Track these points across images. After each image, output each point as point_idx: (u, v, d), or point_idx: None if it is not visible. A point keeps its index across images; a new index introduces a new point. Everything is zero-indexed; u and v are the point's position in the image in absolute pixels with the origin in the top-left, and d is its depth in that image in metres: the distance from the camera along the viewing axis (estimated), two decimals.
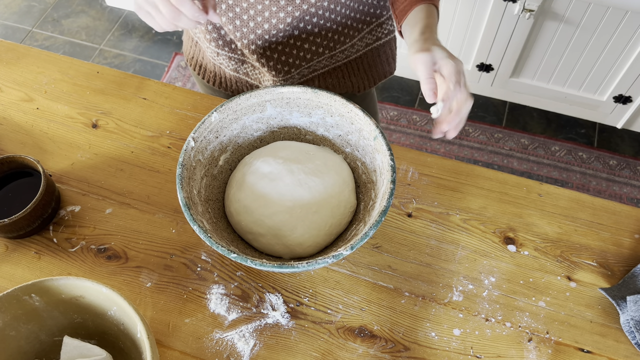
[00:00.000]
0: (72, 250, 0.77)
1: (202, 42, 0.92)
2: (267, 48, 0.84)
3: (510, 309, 0.73)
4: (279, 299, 0.73)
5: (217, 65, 0.95)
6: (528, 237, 0.79)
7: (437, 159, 0.86)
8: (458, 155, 1.89)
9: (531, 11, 1.56)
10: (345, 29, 0.86)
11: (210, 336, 0.71)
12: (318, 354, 0.70)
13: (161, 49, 2.19)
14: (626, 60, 1.65)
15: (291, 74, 0.89)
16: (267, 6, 0.78)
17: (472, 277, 0.75)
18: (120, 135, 0.89)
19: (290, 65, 0.87)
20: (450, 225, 0.80)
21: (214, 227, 0.69)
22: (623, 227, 0.80)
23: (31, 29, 2.26)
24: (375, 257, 0.77)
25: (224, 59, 0.91)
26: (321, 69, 0.92)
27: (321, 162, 0.76)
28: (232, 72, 0.93)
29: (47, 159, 0.86)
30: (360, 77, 0.96)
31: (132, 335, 0.63)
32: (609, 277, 0.76)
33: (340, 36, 0.87)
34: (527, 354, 0.70)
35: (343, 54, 0.90)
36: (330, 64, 0.91)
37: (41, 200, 0.74)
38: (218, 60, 0.92)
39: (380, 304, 0.73)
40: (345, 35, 0.87)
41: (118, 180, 0.84)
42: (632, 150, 1.90)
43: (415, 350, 0.70)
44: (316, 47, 0.86)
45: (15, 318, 0.62)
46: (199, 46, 0.95)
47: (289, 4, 0.78)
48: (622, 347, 0.70)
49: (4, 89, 0.94)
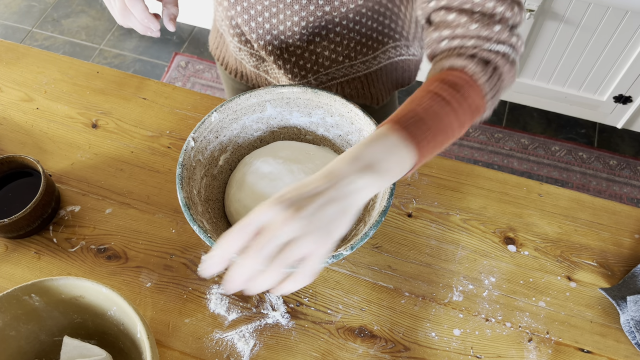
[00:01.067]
0: (72, 250, 0.77)
1: (226, 35, 0.91)
2: (284, 50, 0.83)
3: (511, 309, 0.73)
4: (279, 299, 0.73)
5: (239, 60, 0.94)
6: (528, 237, 0.79)
7: (437, 159, 0.86)
8: (458, 155, 1.89)
9: (531, 11, 1.56)
10: (370, 40, 0.84)
11: (210, 336, 0.71)
12: (318, 354, 0.70)
13: (161, 48, 2.19)
14: (626, 60, 1.65)
15: (307, 79, 0.88)
16: (282, 9, 0.77)
17: (472, 277, 0.75)
18: (120, 135, 0.89)
19: (307, 70, 0.86)
20: (451, 225, 0.80)
21: (214, 227, 0.69)
22: (623, 227, 0.80)
23: (31, 29, 2.26)
24: (375, 257, 0.77)
25: (245, 55, 0.90)
26: (340, 78, 0.90)
27: (321, 162, 0.76)
28: (253, 68, 0.93)
29: (47, 159, 0.86)
30: (379, 89, 0.94)
31: (132, 335, 0.63)
32: (609, 277, 0.76)
33: (363, 47, 0.84)
34: (527, 354, 0.70)
35: (364, 64, 0.88)
36: (350, 73, 0.89)
37: (41, 200, 0.74)
38: (240, 55, 0.92)
39: (380, 304, 0.73)
40: (368, 47, 0.85)
41: (118, 180, 0.84)
42: (632, 150, 1.90)
43: (415, 351, 0.70)
44: (336, 55, 0.84)
45: (15, 318, 0.62)
46: (224, 38, 0.95)
47: (303, 9, 0.77)
48: (623, 347, 0.70)
49: (4, 88, 0.94)
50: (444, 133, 0.56)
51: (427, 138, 0.54)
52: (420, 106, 0.56)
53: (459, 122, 0.58)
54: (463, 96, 0.58)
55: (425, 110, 0.55)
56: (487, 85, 0.60)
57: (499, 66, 0.62)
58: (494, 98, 0.62)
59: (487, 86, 0.60)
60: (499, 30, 0.61)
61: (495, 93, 0.62)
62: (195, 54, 2.16)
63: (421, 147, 0.54)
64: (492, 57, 0.61)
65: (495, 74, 0.61)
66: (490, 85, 0.61)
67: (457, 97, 0.57)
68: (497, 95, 0.63)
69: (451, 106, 0.57)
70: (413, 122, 0.54)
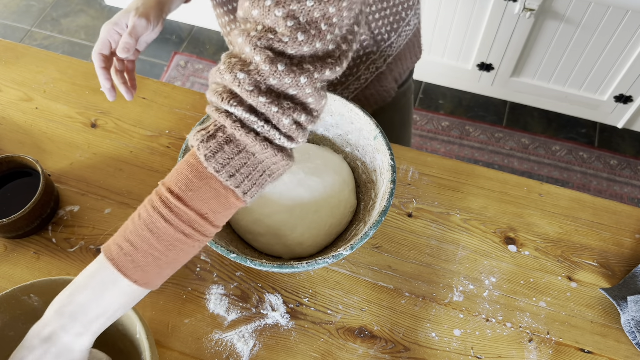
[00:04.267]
0: (71, 250, 0.77)
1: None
2: None
3: (511, 309, 0.73)
4: (279, 300, 0.73)
5: None
6: (529, 237, 0.79)
7: (438, 159, 0.85)
8: (459, 155, 1.89)
9: (532, 11, 1.56)
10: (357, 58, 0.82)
11: (209, 337, 0.71)
12: (318, 355, 0.69)
13: (160, 48, 2.19)
14: (627, 60, 1.65)
15: None
16: None
17: (472, 277, 0.75)
18: (119, 135, 0.89)
19: None
20: (451, 225, 0.80)
21: None
22: (624, 227, 0.79)
23: (30, 29, 2.26)
24: (375, 257, 0.77)
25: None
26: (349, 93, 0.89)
27: (321, 162, 0.76)
28: None
29: (46, 159, 0.86)
30: (370, 106, 0.93)
31: (132, 336, 0.63)
32: (609, 277, 0.75)
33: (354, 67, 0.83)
34: (528, 355, 0.70)
35: (347, 90, 0.88)
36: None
37: (40, 200, 0.74)
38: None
39: (380, 305, 0.73)
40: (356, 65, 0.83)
41: (117, 180, 0.84)
42: (633, 150, 1.89)
43: (415, 351, 0.70)
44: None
45: (15, 318, 0.62)
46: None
47: None
48: (623, 348, 0.70)
49: (3, 88, 0.94)
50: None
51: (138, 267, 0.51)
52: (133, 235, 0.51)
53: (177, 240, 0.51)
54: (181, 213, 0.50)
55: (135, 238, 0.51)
56: (224, 173, 0.49)
57: (235, 136, 0.49)
58: (238, 179, 0.50)
59: (225, 173, 0.49)
60: (241, 79, 0.47)
61: (236, 171, 0.50)
62: (194, 54, 2.16)
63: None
64: (224, 123, 0.49)
65: (227, 150, 0.49)
66: (218, 164, 0.49)
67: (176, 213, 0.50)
68: (247, 177, 0.51)
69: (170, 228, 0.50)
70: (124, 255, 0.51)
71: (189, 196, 0.50)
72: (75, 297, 0.51)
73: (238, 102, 0.48)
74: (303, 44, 0.46)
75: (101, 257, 0.52)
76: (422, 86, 2.04)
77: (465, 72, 1.90)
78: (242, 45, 0.47)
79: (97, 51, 0.70)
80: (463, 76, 1.93)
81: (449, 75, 1.96)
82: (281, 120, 0.49)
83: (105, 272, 0.51)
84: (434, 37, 1.80)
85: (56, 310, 0.52)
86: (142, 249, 0.50)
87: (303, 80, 0.47)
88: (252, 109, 0.48)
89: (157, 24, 0.71)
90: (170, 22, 2.25)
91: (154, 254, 0.51)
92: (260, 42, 0.46)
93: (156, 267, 0.51)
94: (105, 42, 0.70)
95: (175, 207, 0.50)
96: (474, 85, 1.97)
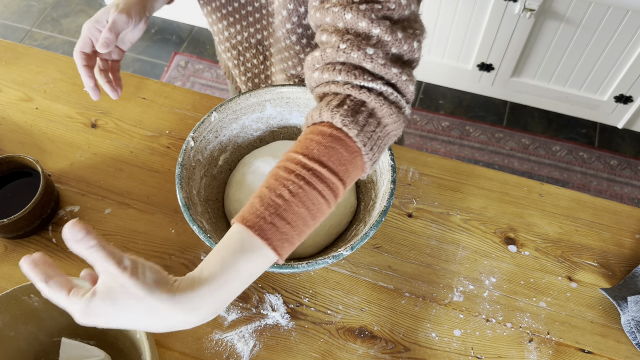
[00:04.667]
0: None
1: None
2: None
3: (511, 309, 0.73)
4: (279, 300, 0.73)
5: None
6: (529, 237, 0.79)
7: (438, 159, 0.85)
8: (459, 155, 1.89)
9: (532, 11, 1.56)
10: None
11: (209, 337, 0.71)
12: (318, 355, 0.69)
13: (160, 48, 2.19)
14: (627, 60, 1.65)
15: None
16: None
17: (472, 277, 0.75)
18: (119, 135, 0.89)
19: None
20: (451, 225, 0.80)
21: (213, 227, 0.69)
22: (624, 228, 0.79)
23: (30, 29, 2.26)
24: (375, 257, 0.77)
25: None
26: None
27: None
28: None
29: (46, 159, 0.86)
30: None
31: (132, 335, 0.63)
32: (609, 277, 0.75)
33: None
34: (528, 355, 0.70)
35: None
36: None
37: (40, 200, 0.74)
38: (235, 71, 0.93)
39: (380, 305, 0.73)
40: None
41: (117, 180, 0.84)
42: (633, 150, 1.89)
43: (415, 351, 0.70)
44: None
45: (14, 318, 0.62)
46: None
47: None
48: (623, 348, 0.70)
49: (3, 88, 0.94)
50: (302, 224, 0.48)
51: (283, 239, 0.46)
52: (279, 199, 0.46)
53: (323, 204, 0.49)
54: (321, 178, 0.47)
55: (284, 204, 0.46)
56: (360, 137, 0.49)
57: (375, 110, 0.50)
58: (373, 150, 0.51)
59: (361, 139, 0.49)
60: (372, 55, 0.49)
61: (374, 144, 0.50)
62: (194, 54, 2.16)
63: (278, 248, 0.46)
64: (365, 98, 0.50)
65: (370, 123, 0.50)
66: (364, 137, 0.49)
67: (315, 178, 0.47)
68: (377, 147, 0.51)
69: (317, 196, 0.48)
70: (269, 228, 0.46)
71: (343, 171, 0.48)
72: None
73: (372, 77, 0.49)
74: (405, 8, 0.48)
75: (257, 242, 0.45)
76: (422, 86, 2.04)
77: (465, 72, 1.90)
78: (354, 20, 0.48)
79: (79, 49, 0.69)
80: (463, 76, 1.93)
81: (449, 75, 1.97)
82: (408, 87, 0.50)
83: (263, 259, 0.46)
84: (434, 37, 1.80)
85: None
86: (298, 227, 0.47)
87: (416, 44, 0.49)
88: (387, 82, 0.50)
89: (139, 20, 0.69)
90: (170, 22, 2.25)
91: (305, 231, 0.48)
92: (374, 15, 0.47)
93: (299, 242, 0.49)
94: (86, 40, 0.69)
95: (333, 184, 0.48)
96: (474, 85, 1.97)
